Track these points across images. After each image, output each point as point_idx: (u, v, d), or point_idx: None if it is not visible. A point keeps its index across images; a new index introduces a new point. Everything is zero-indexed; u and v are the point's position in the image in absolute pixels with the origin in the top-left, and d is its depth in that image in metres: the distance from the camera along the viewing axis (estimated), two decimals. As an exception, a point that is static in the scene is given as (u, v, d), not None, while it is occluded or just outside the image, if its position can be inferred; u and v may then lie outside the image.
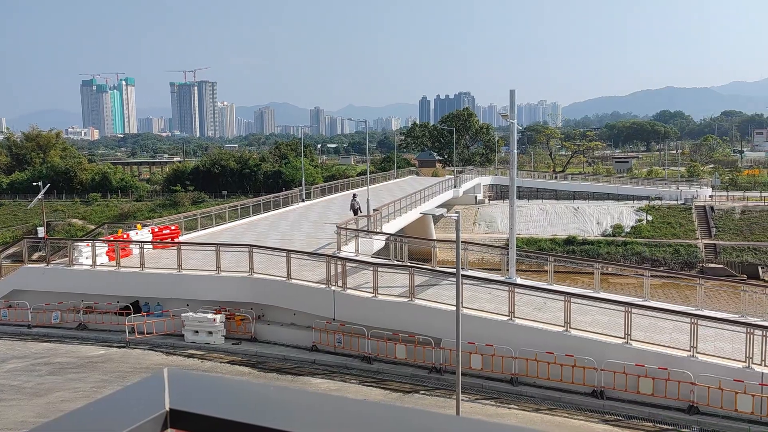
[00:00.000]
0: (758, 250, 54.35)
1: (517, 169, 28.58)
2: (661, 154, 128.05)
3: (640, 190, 71.81)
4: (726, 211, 60.88)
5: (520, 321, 20.53)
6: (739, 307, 23.77)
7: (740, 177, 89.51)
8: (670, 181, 79.61)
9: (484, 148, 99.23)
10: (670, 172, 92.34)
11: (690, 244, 56.07)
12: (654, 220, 60.56)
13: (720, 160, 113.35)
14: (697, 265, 53.49)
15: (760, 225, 57.76)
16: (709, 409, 17.39)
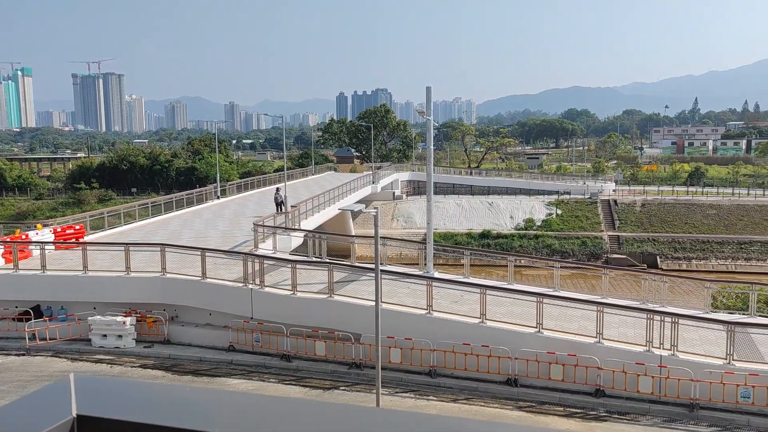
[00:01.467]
0: (657, 240, 57.91)
1: (433, 165, 29.06)
2: (569, 151, 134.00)
3: (550, 185, 74.81)
4: (628, 204, 64.47)
5: (438, 314, 20.91)
6: (640, 295, 25.22)
7: (640, 172, 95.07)
8: (578, 176, 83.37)
9: (401, 144, 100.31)
10: (578, 168, 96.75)
11: (596, 236, 58.97)
12: (563, 213, 63.25)
13: (622, 156, 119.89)
14: (602, 256, 56.33)
15: (658, 217, 61.57)
16: (614, 392, 18.38)
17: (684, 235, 58.18)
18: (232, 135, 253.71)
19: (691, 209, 62.40)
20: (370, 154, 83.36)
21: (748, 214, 60.51)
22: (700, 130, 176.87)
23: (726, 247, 56.36)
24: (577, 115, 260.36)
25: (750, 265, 54.18)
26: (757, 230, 58.05)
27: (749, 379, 17.33)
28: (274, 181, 55.56)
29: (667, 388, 17.89)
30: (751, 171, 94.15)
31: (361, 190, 54.94)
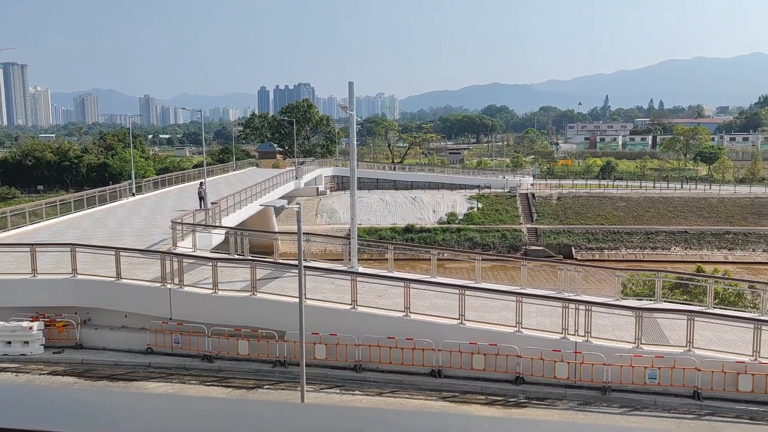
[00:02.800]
0: (572, 232, 60.42)
1: (357, 160, 29.02)
2: (489, 146, 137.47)
3: (471, 180, 76.47)
4: (545, 198, 66.87)
5: (362, 309, 20.94)
6: (556, 285, 26.17)
7: (556, 167, 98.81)
8: (498, 171, 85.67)
9: (324, 139, 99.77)
10: (497, 163, 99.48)
11: (515, 229, 60.84)
12: (484, 207, 64.85)
13: (539, 151, 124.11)
14: (521, 248, 58.20)
15: (573, 210, 64.24)
16: (532, 379, 19.01)
17: (597, 227, 60.97)
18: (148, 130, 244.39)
19: (603, 202, 65.45)
20: (293, 150, 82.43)
21: (654, 206, 64.11)
22: (611, 126, 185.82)
23: (635, 237, 59.50)
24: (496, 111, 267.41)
25: (656, 254, 57.44)
26: (662, 221, 61.60)
27: (656, 361, 18.35)
28: (193, 177, 53.96)
29: (581, 373, 18.68)
30: (657, 165, 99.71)
31: (284, 185, 54.25)
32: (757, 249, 57.51)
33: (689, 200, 65.15)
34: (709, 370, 18.01)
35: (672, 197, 66.07)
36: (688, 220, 61.57)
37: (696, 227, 60.10)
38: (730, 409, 17.49)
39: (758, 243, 57.87)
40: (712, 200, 64.94)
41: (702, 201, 64.86)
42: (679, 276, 31.02)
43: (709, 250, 57.44)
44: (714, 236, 58.87)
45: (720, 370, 17.95)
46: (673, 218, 61.94)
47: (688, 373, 18.13)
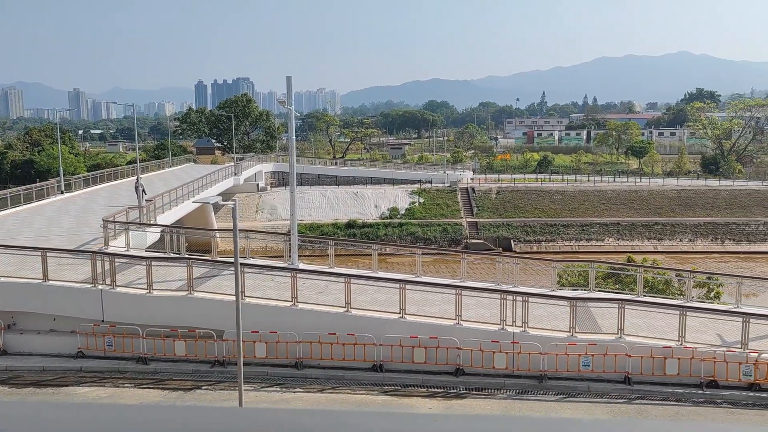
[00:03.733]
0: (511, 225, 61.70)
1: (298, 155, 28.71)
2: (430, 141, 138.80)
3: (413, 175, 77.02)
4: (484, 192, 68.04)
5: (303, 305, 20.77)
6: (495, 277, 26.65)
7: (495, 161, 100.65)
8: (439, 165, 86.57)
9: (264, 134, 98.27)
10: (438, 158, 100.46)
11: (456, 223, 61.66)
12: (425, 201, 65.42)
13: (479, 146, 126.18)
14: (462, 242, 59.04)
15: (512, 203, 65.60)
16: (472, 370, 19.32)
17: (534, 220, 62.48)
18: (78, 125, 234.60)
19: (541, 195, 67.12)
20: (232, 145, 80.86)
21: (589, 199, 66.21)
22: (548, 121, 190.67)
23: (570, 229, 61.29)
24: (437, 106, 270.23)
25: (591, 245, 59.34)
26: (596, 213, 63.68)
27: (589, 349, 18.95)
28: (127, 174, 52.18)
29: (519, 363, 19.11)
30: (591, 159, 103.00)
31: (223, 182, 53.20)
32: (683, 239, 60.21)
33: (621, 193, 67.61)
34: (638, 356, 18.73)
35: (605, 190, 68.39)
36: (620, 212, 63.86)
37: (627, 219, 62.42)
38: (658, 392, 18.25)
39: (685, 233, 60.61)
40: (642, 193, 67.58)
41: (633, 193, 67.43)
42: (611, 266, 32.11)
43: (639, 241, 59.75)
44: (644, 227, 61.29)
45: (649, 356, 18.70)
46: (606, 210, 64.11)
47: (619, 359, 18.81)
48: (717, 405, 17.60)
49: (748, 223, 61.30)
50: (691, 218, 62.29)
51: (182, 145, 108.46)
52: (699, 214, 62.96)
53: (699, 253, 57.50)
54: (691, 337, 19.42)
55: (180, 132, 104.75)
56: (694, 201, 65.50)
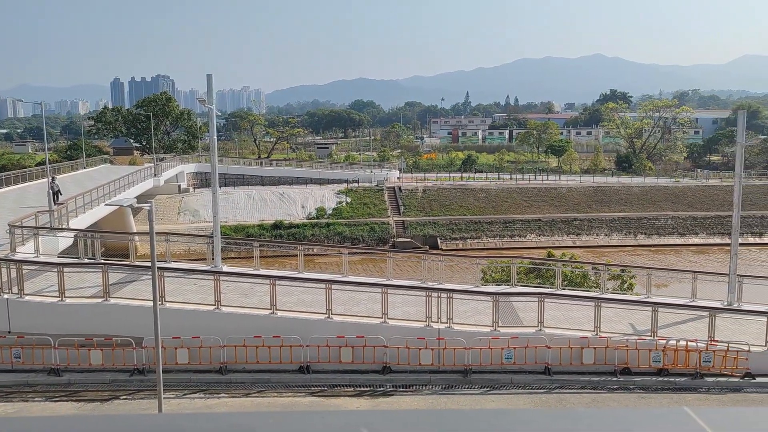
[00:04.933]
0: (437, 223, 62.65)
1: (222, 155, 28.06)
2: (357, 141, 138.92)
3: (340, 174, 76.87)
4: (411, 191, 68.78)
5: (227, 309, 20.32)
6: (421, 274, 26.98)
7: (421, 160, 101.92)
8: (365, 165, 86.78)
9: (186, 134, 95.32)
10: (365, 157, 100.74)
11: (383, 222, 62.00)
12: (352, 201, 65.44)
13: (405, 145, 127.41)
14: (389, 241, 59.44)
15: (438, 202, 66.62)
16: (399, 367, 19.47)
17: (460, 217, 63.69)
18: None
19: (465, 193, 68.51)
20: (151, 145, 78.05)
21: (511, 197, 68.14)
22: (472, 121, 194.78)
23: (494, 226, 62.87)
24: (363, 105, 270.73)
25: (514, 241, 61.10)
26: (518, 210, 65.62)
27: (511, 342, 19.49)
28: (36, 176, 49.41)
29: (444, 358, 19.41)
30: (513, 158, 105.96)
31: (142, 183, 51.30)
32: (600, 233, 62.97)
33: (542, 190, 69.97)
34: (558, 347, 19.43)
35: (527, 188, 70.60)
36: (541, 208, 66.08)
37: (548, 215, 64.66)
38: (576, 381, 19.00)
39: (601, 228, 63.42)
40: (561, 190, 70.20)
41: (553, 191, 69.93)
42: (532, 261, 33.14)
43: (559, 236, 62.02)
44: (564, 223, 63.67)
45: (567, 346, 19.43)
46: (528, 207, 66.17)
47: (539, 351, 19.44)
48: (630, 391, 18.50)
49: (658, 218, 64.81)
50: (607, 214, 65.22)
51: (97, 146, 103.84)
52: (614, 210, 66.00)
53: (614, 247, 60.30)
54: (606, 327, 20.32)
55: (95, 132, 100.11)
56: (609, 197, 68.62)
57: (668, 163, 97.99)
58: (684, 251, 59.42)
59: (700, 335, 20.07)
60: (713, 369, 19.21)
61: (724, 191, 66.55)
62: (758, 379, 19.14)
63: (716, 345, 19.40)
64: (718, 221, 62.72)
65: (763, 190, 70.92)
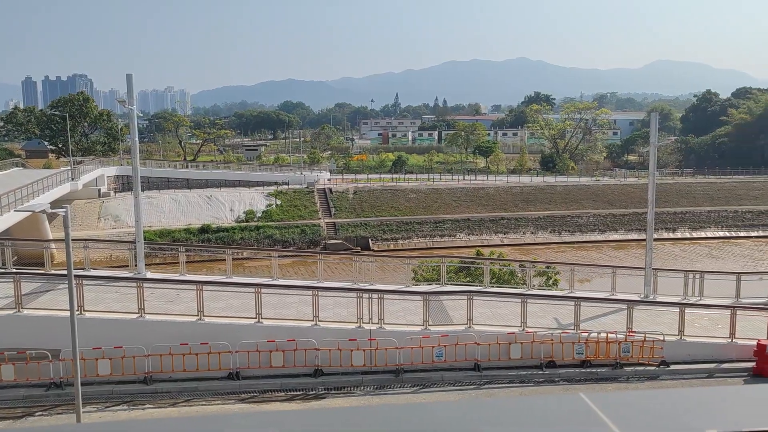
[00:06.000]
0: (368, 224, 62.81)
1: (145, 158, 27.10)
2: (286, 142, 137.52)
3: (269, 176, 75.80)
4: (342, 192, 68.68)
5: (151, 317, 19.62)
6: (352, 276, 26.99)
7: (352, 162, 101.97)
8: (295, 166, 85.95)
9: (106, 136, 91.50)
10: (295, 159, 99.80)
11: (314, 224, 61.62)
12: (282, 203, 64.69)
13: (335, 147, 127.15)
14: (321, 243, 59.12)
15: (369, 203, 66.82)
16: (331, 369, 19.35)
17: (391, 218, 64.12)
18: None
19: (396, 194, 69.03)
20: (68, 148, 74.48)
21: (441, 197, 69.20)
22: (402, 122, 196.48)
23: (425, 226, 63.66)
24: (293, 107, 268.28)
25: (444, 241, 62.06)
26: (448, 210, 66.71)
27: (441, 340, 19.75)
28: (-59, 180, 46.20)
29: (376, 359, 19.44)
30: (442, 159, 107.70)
31: (58, 188, 48.86)
32: (526, 231, 64.87)
33: (470, 190, 71.42)
34: (486, 343, 19.83)
35: (456, 188, 71.88)
36: (470, 208, 67.43)
37: (477, 215, 66.04)
38: (504, 375, 19.46)
39: (527, 226, 65.33)
40: (489, 190, 71.88)
41: (481, 191, 71.51)
42: (461, 260, 33.78)
43: (488, 235, 63.47)
44: (492, 222, 65.19)
45: (495, 342, 19.86)
46: (457, 207, 67.37)
47: (469, 347, 19.78)
48: (555, 383, 19.13)
49: (581, 216, 67.40)
50: (533, 212, 67.27)
51: (8, 148, 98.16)
52: (539, 209, 68.16)
53: (540, 245, 62.28)
54: (532, 322, 20.92)
55: (5, 133, 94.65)
56: (535, 196, 70.81)
57: (589, 163, 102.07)
58: (605, 247, 62.04)
59: (619, 327, 20.97)
60: (632, 359, 20.12)
61: (640, 189, 69.92)
62: (672, 367, 20.19)
63: (634, 336, 20.32)
64: (635, 218, 65.79)
65: (676, 187, 75.10)
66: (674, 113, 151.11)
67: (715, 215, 69.06)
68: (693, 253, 59.62)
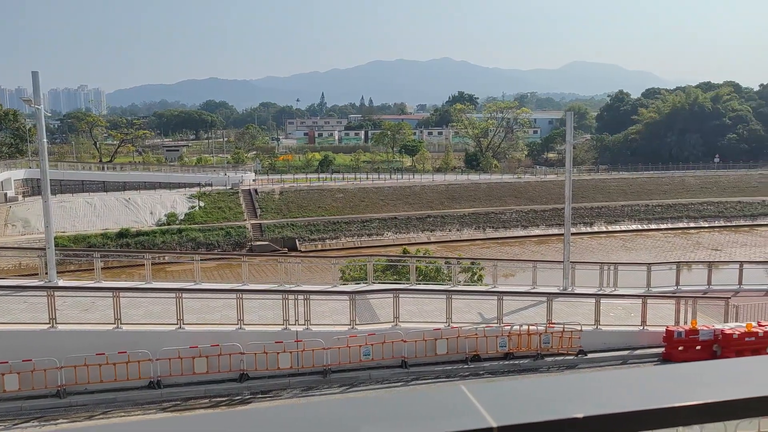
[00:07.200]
0: (296, 225, 62.19)
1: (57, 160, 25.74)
2: (209, 143, 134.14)
3: (191, 178, 73.76)
4: (267, 193, 67.65)
5: (63, 327, 18.64)
6: (279, 277, 26.65)
7: (278, 162, 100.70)
8: (219, 167, 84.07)
9: (12, 137, 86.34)
10: (219, 159, 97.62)
11: (240, 226, 60.41)
12: (206, 205, 63.06)
13: (261, 147, 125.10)
14: (247, 245, 58.03)
15: (296, 203, 66.15)
16: (257, 373, 19.02)
17: (318, 218, 63.75)
18: None
19: (323, 194, 68.68)
20: (-31, 150, 69.81)
21: (368, 196, 69.40)
22: (328, 122, 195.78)
23: (352, 226, 63.67)
24: (215, 106, 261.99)
25: (372, 240, 62.28)
26: (375, 209, 67.00)
27: (369, 339, 19.79)
28: None
29: (303, 360, 19.26)
30: (369, 158, 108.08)
31: (-39, 192, 45.70)
32: (452, 229, 66.05)
33: (397, 189, 72.00)
34: (413, 340, 20.03)
35: (383, 187, 72.26)
36: (397, 207, 67.98)
37: (404, 213, 66.65)
38: (431, 371, 19.72)
39: (453, 224, 66.53)
40: (415, 188, 72.70)
41: (407, 189, 72.22)
42: (389, 259, 34.00)
43: (415, 233, 64.18)
44: (418, 220, 65.97)
45: (422, 339, 20.09)
46: (384, 206, 67.75)
47: (396, 345, 19.92)
48: (480, 376, 19.55)
49: (504, 212, 69.27)
50: (458, 210, 68.56)
51: None
52: (464, 206, 69.54)
53: (465, 241, 63.54)
54: (457, 318, 21.28)
55: None
56: (460, 194, 72.20)
57: (511, 161, 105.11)
58: (527, 242, 64.03)
59: (540, 319, 21.67)
60: (552, 349, 20.84)
61: (559, 185, 72.53)
62: (590, 356, 21.06)
63: (554, 327, 21.05)
64: (555, 213, 68.23)
65: (592, 183, 78.45)
66: (590, 112, 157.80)
67: (628, 209, 72.61)
68: (609, 245, 62.48)
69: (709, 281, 28.68)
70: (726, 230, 69.21)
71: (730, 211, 73.64)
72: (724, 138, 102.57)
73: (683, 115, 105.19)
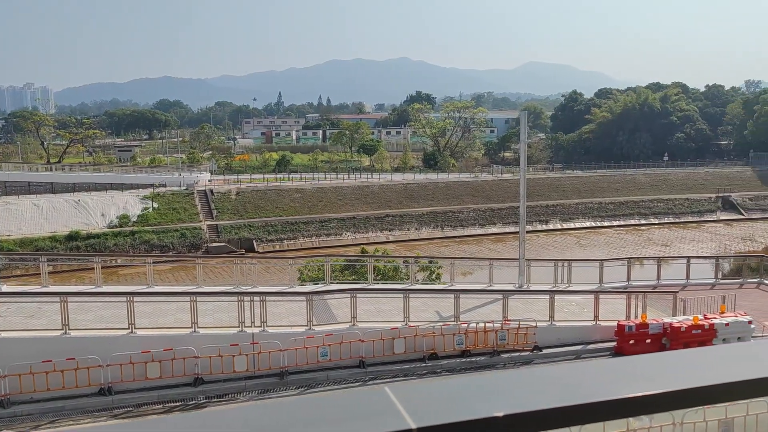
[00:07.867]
0: (252, 226, 61.44)
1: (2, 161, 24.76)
2: (163, 142, 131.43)
3: (145, 178, 72.14)
4: (224, 193, 66.66)
5: (6, 334, 18.00)
6: (235, 279, 26.23)
7: (234, 162, 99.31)
8: (173, 167, 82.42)
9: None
10: (173, 160, 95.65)
11: (195, 227, 59.34)
12: (160, 206, 61.74)
13: (217, 147, 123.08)
14: (202, 246, 57.04)
15: (253, 204, 65.37)
16: (212, 377, 18.68)
17: (276, 219, 63.13)
18: None
19: (281, 194, 68.05)
20: None
21: (327, 196, 69.09)
22: (285, 121, 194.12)
23: (311, 226, 63.27)
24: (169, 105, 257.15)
25: (330, 240, 62.02)
26: (333, 209, 66.75)
27: (326, 339, 19.66)
28: None
29: (260, 362, 19.00)
30: (327, 158, 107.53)
31: None
32: (411, 228, 66.30)
33: (355, 189, 71.87)
34: (371, 340, 19.98)
35: (341, 187, 72.03)
36: (356, 206, 67.87)
37: (362, 213, 66.59)
38: (389, 371, 19.72)
39: (411, 223, 66.79)
40: (374, 188, 72.70)
41: (366, 189, 72.17)
42: (347, 259, 33.91)
43: (374, 232, 64.19)
44: (377, 219, 66.00)
45: (379, 338, 20.07)
46: (342, 206, 67.55)
47: (354, 345, 19.84)
48: (437, 374, 19.64)
49: (462, 211, 69.91)
50: (416, 209, 68.87)
51: None
52: (422, 205, 69.90)
53: (424, 240, 63.87)
54: (414, 317, 21.34)
55: None
56: (418, 193, 72.54)
57: (469, 160, 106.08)
58: (485, 240, 64.77)
59: (496, 316, 21.89)
60: (508, 346, 21.09)
61: (516, 184, 73.50)
62: (545, 351, 21.39)
63: (509, 324, 21.30)
64: (512, 211, 69.19)
65: (547, 182, 79.88)
66: (545, 112, 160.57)
67: (582, 207, 74.16)
68: (563, 243, 63.72)
69: (659, 276, 29.55)
70: (675, 226, 71.42)
71: (679, 207, 76.01)
72: (673, 137, 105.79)
73: (634, 115, 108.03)
